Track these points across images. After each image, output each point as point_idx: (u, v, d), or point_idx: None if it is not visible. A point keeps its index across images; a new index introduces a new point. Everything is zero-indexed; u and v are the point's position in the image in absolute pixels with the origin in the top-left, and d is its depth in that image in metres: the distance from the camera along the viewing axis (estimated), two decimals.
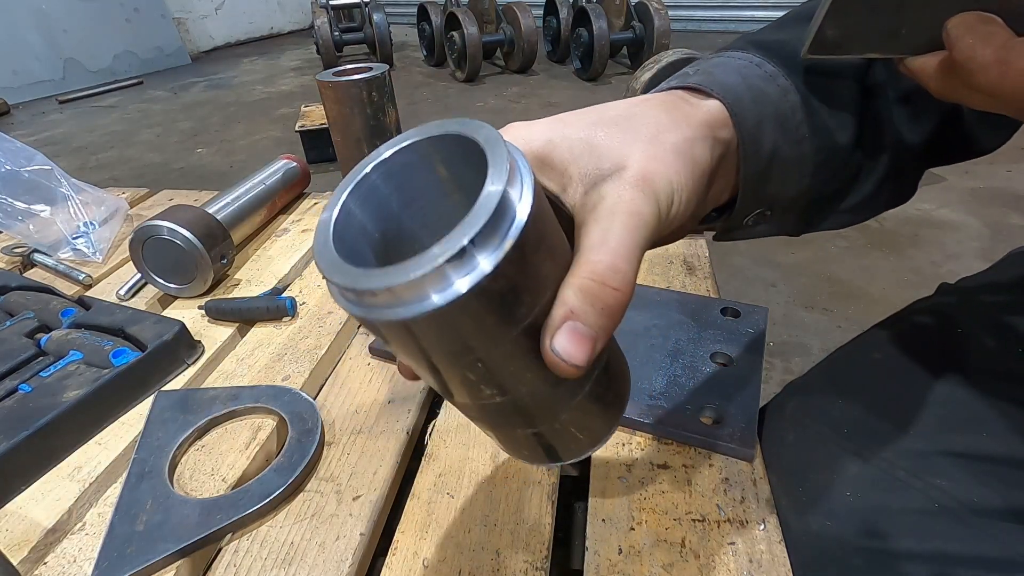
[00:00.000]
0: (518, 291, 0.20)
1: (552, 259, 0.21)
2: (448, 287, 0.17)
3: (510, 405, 0.24)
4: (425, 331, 0.19)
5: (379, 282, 0.17)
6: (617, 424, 0.30)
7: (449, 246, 0.17)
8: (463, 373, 0.22)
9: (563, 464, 0.33)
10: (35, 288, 0.61)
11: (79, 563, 0.37)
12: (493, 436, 0.29)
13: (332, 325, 0.57)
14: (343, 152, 0.75)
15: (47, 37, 4.12)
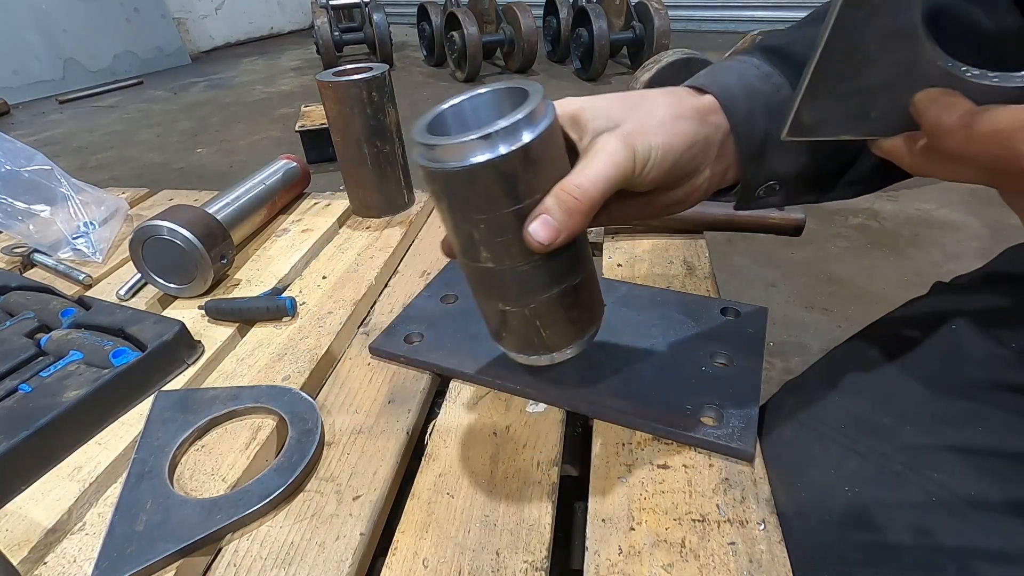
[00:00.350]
0: (518, 178, 0.30)
1: (549, 170, 0.32)
2: (474, 156, 0.29)
3: (496, 275, 0.34)
4: (454, 183, 0.31)
5: (436, 142, 0.30)
6: (578, 345, 0.38)
7: (481, 131, 0.29)
8: (470, 231, 0.32)
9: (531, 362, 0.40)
10: (35, 288, 0.61)
11: (79, 563, 0.37)
12: (482, 311, 0.39)
13: (332, 325, 0.57)
14: (343, 152, 0.75)
15: (47, 37, 4.12)
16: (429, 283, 0.61)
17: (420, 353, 0.51)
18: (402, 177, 0.78)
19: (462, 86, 3.59)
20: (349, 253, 0.70)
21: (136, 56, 4.62)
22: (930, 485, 0.36)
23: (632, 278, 0.60)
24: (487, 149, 0.29)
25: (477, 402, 0.47)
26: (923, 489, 0.36)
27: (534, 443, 0.42)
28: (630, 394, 0.44)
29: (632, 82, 1.87)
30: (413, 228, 0.76)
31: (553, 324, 0.37)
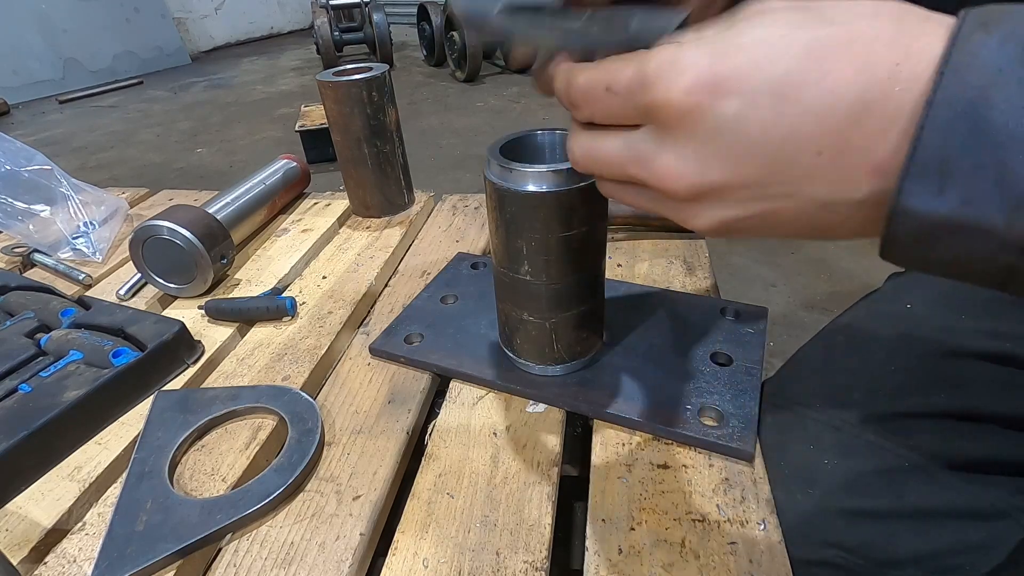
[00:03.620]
0: (574, 210, 0.38)
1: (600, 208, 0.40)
2: (544, 185, 0.37)
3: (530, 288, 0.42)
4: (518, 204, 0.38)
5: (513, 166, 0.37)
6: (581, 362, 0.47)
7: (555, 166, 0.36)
8: (520, 246, 0.40)
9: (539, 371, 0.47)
10: (35, 288, 0.61)
11: (79, 563, 0.37)
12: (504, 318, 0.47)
13: (332, 325, 0.57)
14: (343, 152, 0.75)
15: (47, 37, 4.12)
16: (429, 283, 0.61)
17: (420, 353, 0.51)
18: (402, 177, 0.78)
19: (462, 86, 3.59)
20: (349, 253, 0.70)
21: (136, 56, 4.62)
22: (902, 450, 0.38)
23: (632, 278, 0.60)
24: (557, 182, 0.36)
25: (477, 402, 0.47)
26: (896, 455, 0.38)
27: (534, 443, 0.42)
28: (630, 394, 0.44)
29: None
30: (413, 228, 0.76)
31: (566, 339, 0.45)
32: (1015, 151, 0.16)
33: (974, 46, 0.17)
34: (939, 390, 0.39)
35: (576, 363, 0.47)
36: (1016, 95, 0.16)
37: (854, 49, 0.19)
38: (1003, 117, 0.16)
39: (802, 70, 0.19)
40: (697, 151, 0.21)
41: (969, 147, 0.17)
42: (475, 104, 3.22)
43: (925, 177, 0.18)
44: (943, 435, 0.38)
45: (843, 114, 0.19)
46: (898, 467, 0.38)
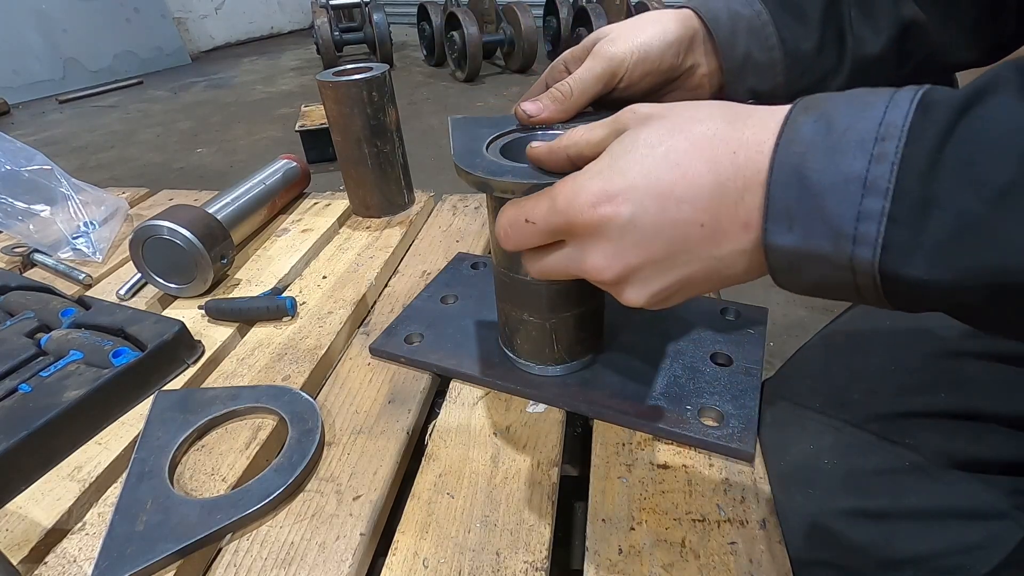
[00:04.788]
0: None
1: None
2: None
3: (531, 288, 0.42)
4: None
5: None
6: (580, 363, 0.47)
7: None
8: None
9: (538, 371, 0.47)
10: (35, 288, 0.61)
11: (79, 563, 0.37)
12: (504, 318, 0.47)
13: (332, 325, 0.57)
14: (343, 152, 0.75)
15: (47, 37, 4.11)
16: (429, 283, 0.61)
17: (420, 353, 0.51)
18: (402, 177, 0.78)
19: (462, 86, 3.59)
20: (349, 253, 0.70)
21: (136, 56, 4.62)
22: (901, 450, 0.38)
23: None
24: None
25: (477, 402, 0.47)
26: (895, 455, 0.38)
27: (534, 443, 0.42)
28: (630, 394, 0.44)
29: None
30: (413, 228, 0.76)
31: (567, 339, 0.45)
32: (827, 198, 0.23)
33: (798, 125, 0.24)
34: (939, 390, 0.39)
35: (576, 363, 0.47)
36: (822, 159, 0.23)
37: (700, 149, 0.26)
38: (816, 175, 0.23)
39: (668, 174, 0.26)
40: (611, 248, 0.28)
41: (801, 197, 0.23)
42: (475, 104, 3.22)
43: (779, 221, 0.24)
44: (943, 435, 0.38)
45: (707, 196, 0.26)
46: (898, 467, 0.38)
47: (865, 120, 0.22)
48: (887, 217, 0.21)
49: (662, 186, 0.26)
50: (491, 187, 0.35)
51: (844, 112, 0.23)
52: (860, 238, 0.22)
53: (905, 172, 0.21)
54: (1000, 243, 0.20)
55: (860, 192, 0.22)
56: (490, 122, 0.43)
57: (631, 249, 0.27)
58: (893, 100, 0.22)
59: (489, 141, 0.40)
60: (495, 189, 0.35)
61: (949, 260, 0.21)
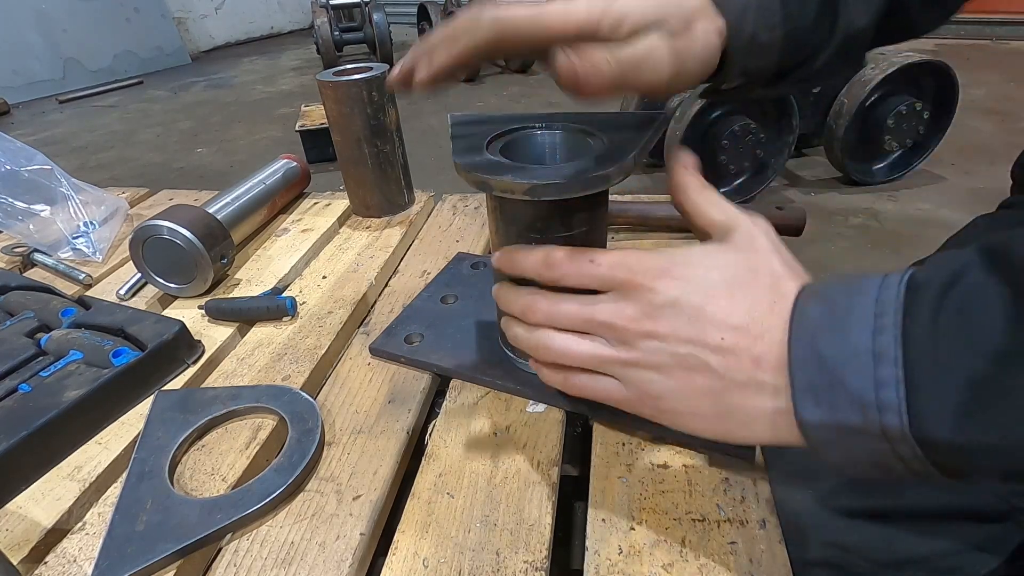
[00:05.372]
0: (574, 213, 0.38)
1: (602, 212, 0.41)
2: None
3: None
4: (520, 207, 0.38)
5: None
6: None
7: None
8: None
9: None
10: (35, 288, 0.61)
11: (79, 563, 0.37)
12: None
13: (332, 325, 0.57)
14: (343, 152, 0.75)
15: (47, 37, 4.12)
16: (429, 283, 0.61)
17: (420, 353, 0.51)
18: (402, 177, 0.78)
19: (462, 86, 3.59)
20: (349, 253, 0.70)
21: (136, 56, 4.62)
22: None
23: None
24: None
25: (477, 402, 0.47)
26: None
27: (534, 443, 0.42)
28: None
29: None
30: (413, 228, 0.76)
31: None
32: (844, 371, 0.25)
33: (806, 308, 0.28)
34: None
35: None
36: (831, 337, 0.26)
37: (754, 288, 0.31)
38: (830, 351, 0.26)
39: (720, 288, 0.31)
40: (648, 310, 0.32)
41: (820, 373, 0.26)
42: (475, 104, 3.22)
43: (805, 396, 0.27)
44: None
45: (738, 320, 0.30)
46: None
47: (862, 300, 0.26)
48: (904, 384, 0.23)
49: (712, 291, 0.31)
50: (490, 186, 0.35)
51: (840, 295, 0.27)
52: (883, 405, 0.24)
53: (908, 342, 0.23)
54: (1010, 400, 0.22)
55: (871, 362, 0.24)
56: (491, 119, 0.43)
57: (660, 319, 0.31)
58: (884, 283, 0.26)
59: (490, 139, 0.40)
60: (495, 188, 0.35)
61: (976, 418, 0.22)
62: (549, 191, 0.34)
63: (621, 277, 0.32)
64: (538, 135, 0.42)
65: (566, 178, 0.33)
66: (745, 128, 1.72)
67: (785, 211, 0.64)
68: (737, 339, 0.29)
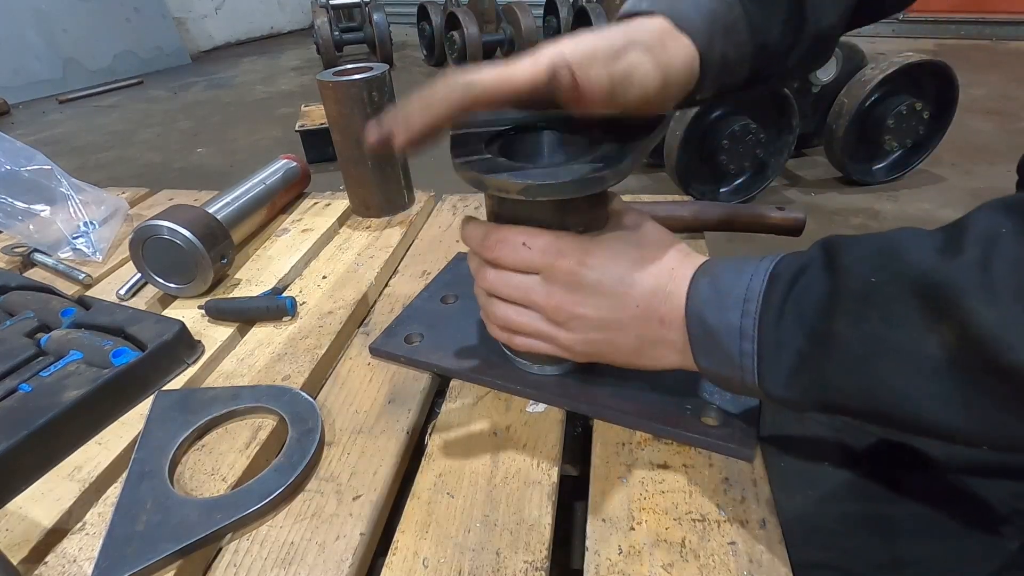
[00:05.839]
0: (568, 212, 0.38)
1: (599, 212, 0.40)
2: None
3: None
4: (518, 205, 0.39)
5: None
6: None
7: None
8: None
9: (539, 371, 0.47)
10: (35, 288, 0.61)
11: (79, 563, 0.37)
12: None
13: (332, 325, 0.57)
14: (343, 152, 0.75)
15: (47, 37, 4.12)
16: (429, 283, 0.61)
17: (420, 353, 0.51)
18: (402, 177, 0.78)
19: None
20: (349, 253, 0.70)
21: (136, 56, 4.62)
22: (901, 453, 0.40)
23: None
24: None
25: (477, 402, 0.47)
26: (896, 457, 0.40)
27: (534, 443, 0.42)
28: (630, 394, 0.44)
29: None
30: (413, 228, 0.76)
31: None
32: (721, 339, 0.33)
33: (698, 284, 0.35)
34: None
35: (576, 363, 0.47)
36: (715, 312, 0.33)
37: (656, 262, 0.37)
38: (711, 322, 0.33)
39: (631, 268, 0.36)
40: (573, 295, 0.37)
41: (706, 336, 0.34)
42: None
43: (698, 348, 0.35)
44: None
45: (648, 290, 0.36)
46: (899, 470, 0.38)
47: (738, 284, 0.33)
48: (755, 356, 0.32)
49: (625, 272, 0.36)
50: (486, 185, 0.35)
51: (725, 276, 0.34)
52: (744, 368, 0.32)
53: (763, 324, 0.31)
54: (822, 374, 0.29)
55: (738, 337, 0.32)
56: (491, 119, 0.43)
57: (585, 301, 0.37)
58: (756, 271, 0.33)
59: (489, 139, 0.40)
60: (490, 187, 0.35)
61: (795, 385, 0.31)
62: (544, 192, 0.34)
63: (549, 262, 0.36)
64: (538, 135, 0.42)
65: (562, 179, 0.33)
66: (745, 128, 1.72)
67: (785, 211, 0.64)
68: (647, 303, 0.36)
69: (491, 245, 0.38)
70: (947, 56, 1.88)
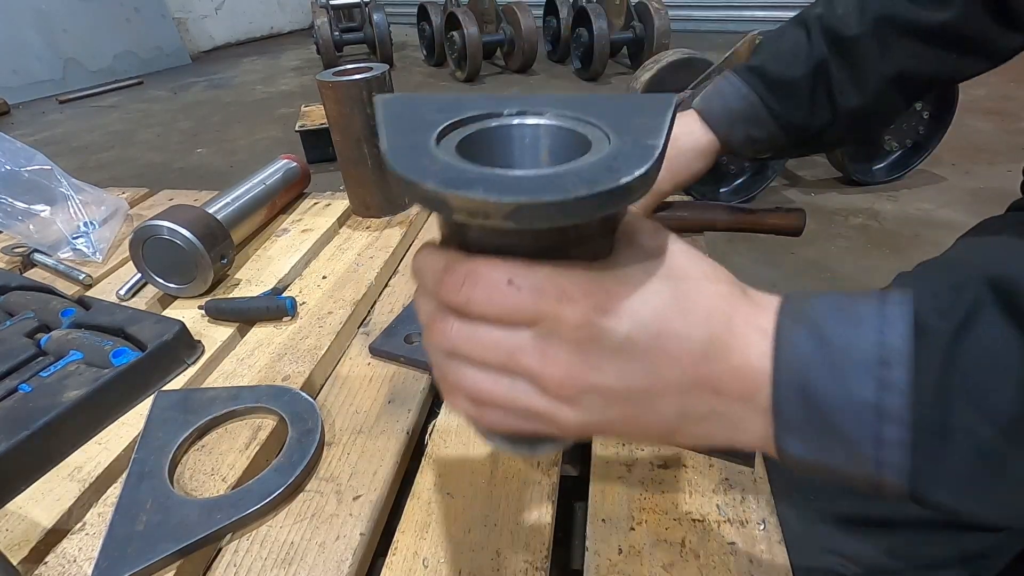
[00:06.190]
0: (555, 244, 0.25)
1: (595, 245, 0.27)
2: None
3: None
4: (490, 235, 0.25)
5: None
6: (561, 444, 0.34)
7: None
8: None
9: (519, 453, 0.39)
10: (35, 288, 0.61)
11: (79, 563, 0.37)
12: None
13: (332, 325, 0.57)
14: (343, 152, 0.75)
15: (47, 37, 4.12)
16: None
17: (420, 353, 0.51)
18: None
19: (462, 86, 3.59)
20: (349, 253, 0.70)
21: (136, 56, 4.62)
22: None
23: None
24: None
25: None
26: None
27: None
28: None
29: (632, 82, 1.87)
30: (413, 228, 0.76)
31: None
32: (840, 420, 0.22)
33: (791, 336, 0.24)
34: None
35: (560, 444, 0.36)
36: (826, 380, 0.23)
37: (703, 304, 0.25)
38: (823, 396, 0.23)
39: (669, 313, 0.25)
40: (588, 360, 0.24)
41: (810, 416, 0.23)
42: None
43: (791, 432, 0.24)
44: None
45: (697, 346, 0.25)
46: None
47: (861, 340, 0.23)
48: (910, 446, 0.22)
49: (665, 315, 0.25)
50: (449, 205, 0.21)
51: (835, 327, 0.24)
52: (884, 462, 0.22)
53: (919, 403, 0.21)
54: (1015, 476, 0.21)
55: (875, 419, 0.22)
56: (439, 103, 0.29)
57: (605, 366, 0.24)
58: (885, 319, 0.23)
59: (440, 132, 0.27)
60: (456, 209, 0.21)
61: (972, 491, 0.22)
62: (546, 214, 0.21)
63: (548, 309, 0.24)
64: (514, 126, 0.29)
65: (574, 192, 0.21)
66: None
67: (785, 212, 0.64)
68: (697, 370, 0.25)
69: (454, 283, 0.25)
70: None
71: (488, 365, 0.26)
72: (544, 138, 0.29)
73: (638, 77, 1.87)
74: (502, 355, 0.25)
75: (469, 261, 0.25)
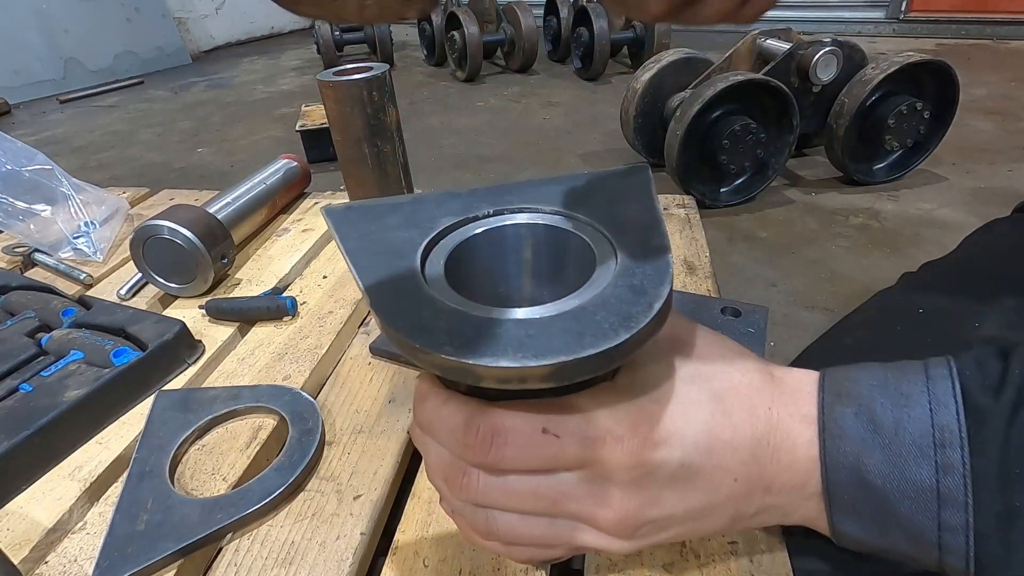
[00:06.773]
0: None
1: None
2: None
3: None
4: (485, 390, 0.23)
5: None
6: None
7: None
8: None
9: None
10: (36, 288, 0.61)
11: (80, 562, 0.37)
12: None
13: (333, 325, 0.57)
14: (343, 152, 0.75)
15: (47, 37, 4.12)
16: None
17: None
18: (402, 177, 0.77)
19: (463, 86, 3.59)
20: None
21: (136, 56, 4.62)
22: None
23: None
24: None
25: None
26: None
27: None
28: None
29: (633, 82, 1.87)
30: None
31: None
32: (898, 504, 0.22)
33: (838, 418, 0.23)
34: None
35: None
36: (881, 463, 0.22)
37: (743, 402, 0.24)
38: (879, 479, 0.22)
39: (715, 424, 0.24)
40: (647, 496, 0.23)
41: (865, 498, 0.23)
42: (475, 104, 3.22)
43: (846, 514, 0.24)
44: None
45: (746, 453, 0.24)
46: None
47: (913, 422, 0.22)
48: (972, 530, 0.21)
49: (711, 426, 0.24)
50: (475, 375, 0.18)
51: (883, 406, 0.23)
52: (947, 547, 0.22)
53: (979, 486, 0.21)
54: None
55: (935, 503, 0.22)
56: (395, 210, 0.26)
57: (665, 497, 0.24)
58: (935, 398, 0.22)
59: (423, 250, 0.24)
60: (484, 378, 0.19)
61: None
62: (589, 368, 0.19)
63: (594, 454, 0.22)
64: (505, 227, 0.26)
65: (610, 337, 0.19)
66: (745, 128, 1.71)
67: None
68: (748, 475, 0.24)
69: (481, 445, 0.23)
70: (948, 56, 1.88)
71: (526, 512, 0.24)
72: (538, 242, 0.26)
73: (638, 77, 1.87)
74: (545, 503, 0.24)
75: (492, 416, 0.23)
